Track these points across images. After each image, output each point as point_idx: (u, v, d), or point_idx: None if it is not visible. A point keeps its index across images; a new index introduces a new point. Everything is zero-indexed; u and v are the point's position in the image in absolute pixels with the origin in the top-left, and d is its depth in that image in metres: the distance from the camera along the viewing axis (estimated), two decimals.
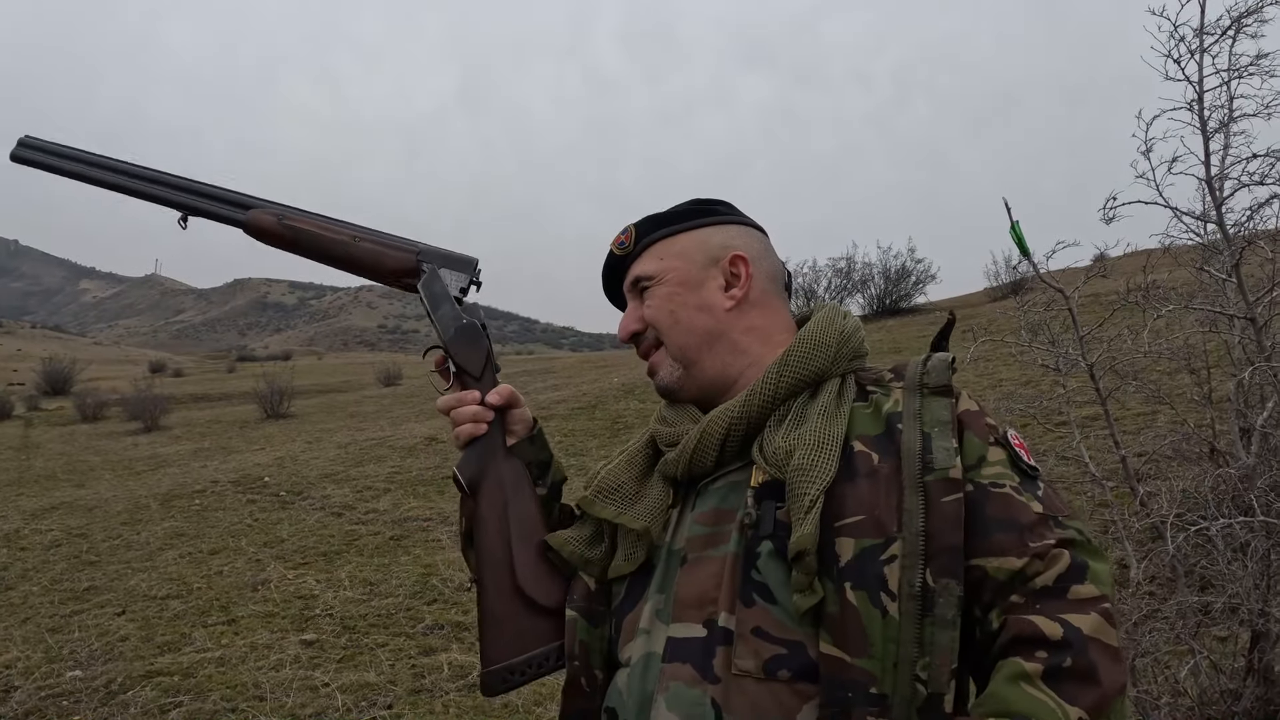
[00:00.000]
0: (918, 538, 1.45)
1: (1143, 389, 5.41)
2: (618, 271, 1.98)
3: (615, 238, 1.97)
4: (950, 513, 1.47)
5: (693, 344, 1.85)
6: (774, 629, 1.50)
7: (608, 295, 2.05)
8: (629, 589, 1.76)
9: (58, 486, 16.60)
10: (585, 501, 1.84)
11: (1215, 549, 4.12)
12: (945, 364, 1.68)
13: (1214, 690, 4.18)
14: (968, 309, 26.02)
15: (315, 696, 6.34)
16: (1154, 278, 4.67)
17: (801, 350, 1.73)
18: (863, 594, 1.43)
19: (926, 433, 1.57)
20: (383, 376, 35.97)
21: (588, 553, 1.83)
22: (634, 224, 1.95)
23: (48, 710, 6.42)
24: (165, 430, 25.14)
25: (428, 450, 16.29)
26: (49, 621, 8.48)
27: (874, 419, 1.64)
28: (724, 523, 1.65)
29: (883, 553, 1.45)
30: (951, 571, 1.44)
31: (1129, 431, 9.03)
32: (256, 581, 9.33)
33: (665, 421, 1.87)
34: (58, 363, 41.80)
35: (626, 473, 1.86)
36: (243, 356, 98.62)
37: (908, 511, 1.48)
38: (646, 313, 1.89)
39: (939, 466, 1.51)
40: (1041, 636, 1.38)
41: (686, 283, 1.87)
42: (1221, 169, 4.29)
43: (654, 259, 1.90)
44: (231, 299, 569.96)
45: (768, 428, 1.69)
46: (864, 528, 1.48)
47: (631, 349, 1.98)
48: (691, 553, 1.66)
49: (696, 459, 1.72)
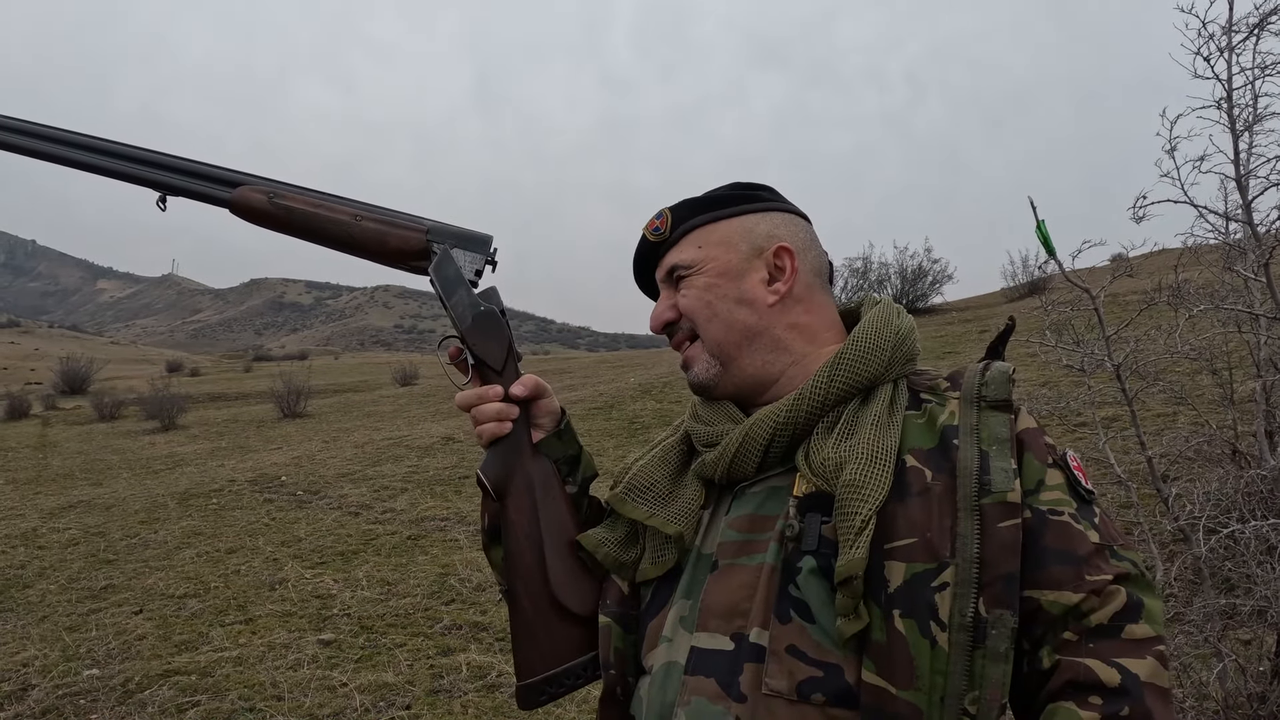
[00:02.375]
0: (971, 565, 1.36)
1: (1165, 389, 5.38)
2: (650, 259, 1.87)
3: (649, 222, 1.84)
4: (1007, 539, 1.39)
5: (732, 340, 1.74)
6: (810, 649, 1.41)
7: (639, 283, 1.94)
8: (655, 592, 1.69)
9: (75, 485, 16.63)
10: (615, 500, 1.76)
11: (1245, 551, 4.09)
12: (1006, 376, 1.58)
13: (1240, 694, 4.15)
14: (985, 309, 26.01)
15: (333, 696, 6.33)
16: (1185, 276, 4.64)
17: (855, 353, 1.64)
18: (911, 623, 1.35)
19: (984, 450, 1.47)
20: (399, 376, 36.02)
21: (622, 555, 1.74)
22: (670, 208, 1.83)
23: (65, 709, 6.42)
24: (182, 429, 25.20)
25: (445, 450, 16.28)
26: (66, 620, 8.49)
27: (927, 431, 1.55)
28: (760, 530, 1.57)
29: (934, 579, 1.37)
30: (1006, 602, 1.36)
31: (1149, 433, 8.99)
32: (274, 581, 9.33)
33: (701, 419, 1.78)
34: (75, 362, 41.90)
35: (660, 470, 1.78)
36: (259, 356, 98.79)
37: (961, 536, 1.39)
38: (682, 303, 1.78)
39: (997, 489, 1.42)
40: (1098, 682, 1.32)
41: (727, 274, 1.75)
42: (1248, 168, 4.26)
43: (692, 247, 1.79)
44: (248, 299, 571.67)
45: (815, 434, 1.60)
46: (915, 551, 1.39)
47: (654, 348, 1.86)
48: (723, 559, 1.58)
49: (737, 463, 1.64)
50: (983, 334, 18.90)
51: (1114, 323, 4.52)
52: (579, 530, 1.83)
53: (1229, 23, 4.13)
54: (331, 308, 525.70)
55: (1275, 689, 4.10)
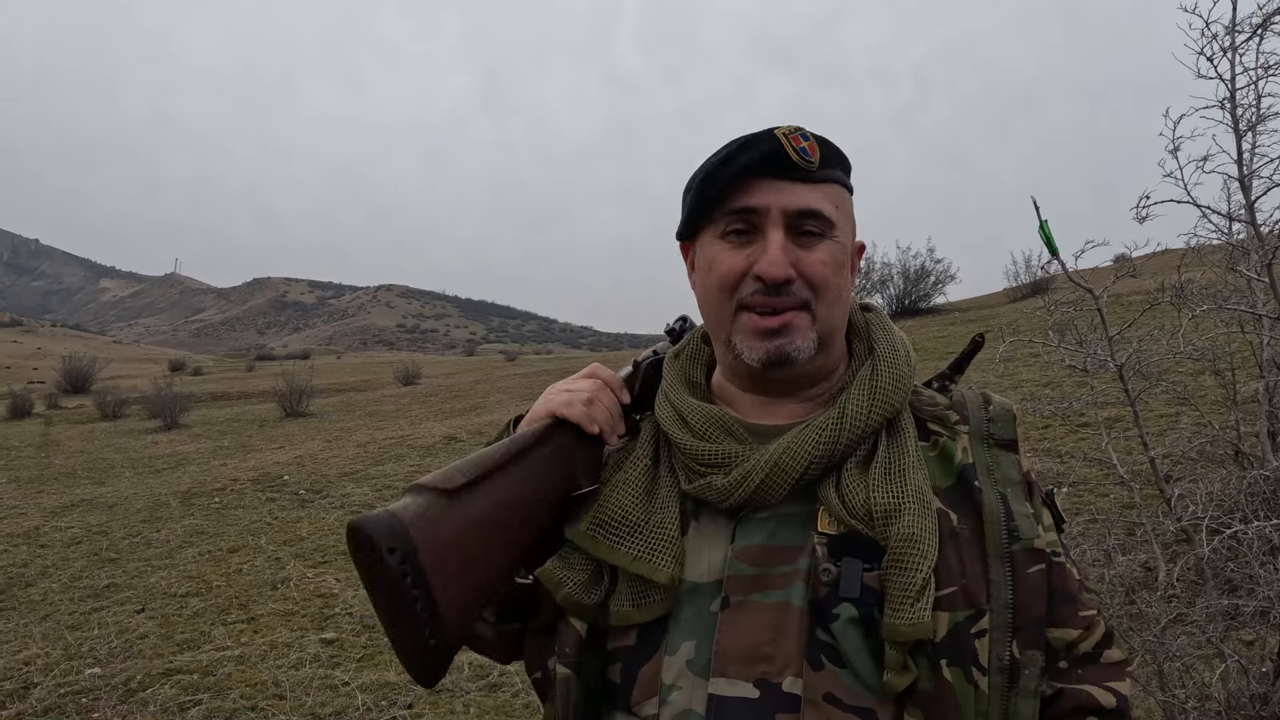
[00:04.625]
0: (1006, 610, 1.39)
1: (1168, 390, 5.38)
2: (771, 170, 1.47)
3: (789, 133, 1.47)
4: (1035, 584, 1.41)
5: (837, 326, 1.57)
6: (844, 695, 1.37)
7: (708, 184, 1.50)
8: (642, 635, 1.49)
9: (78, 484, 16.64)
10: (584, 539, 1.51)
11: (1247, 552, 4.09)
12: (1011, 415, 1.57)
13: (1242, 695, 4.15)
14: (987, 310, 26.03)
15: (335, 695, 6.34)
16: (1188, 276, 4.64)
17: (892, 375, 1.54)
18: (957, 670, 1.35)
19: (1002, 493, 1.47)
20: (402, 375, 36.03)
21: (585, 598, 1.49)
22: (814, 135, 1.50)
23: (67, 707, 6.43)
24: (185, 428, 25.20)
25: (447, 449, 16.32)
26: (68, 619, 8.51)
27: (943, 468, 1.50)
28: (773, 563, 1.44)
29: (973, 625, 1.37)
30: (1036, 643, 1.40)
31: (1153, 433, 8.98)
32: (276, 580, 9.35)
33: (696, 432, 1.55)
34: (78, 361, 41.88)
35: (630, 496, 1.53)
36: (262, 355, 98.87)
37: (994, 583, 1.40)
38: (816, 267, 1.48)
39: (1025, 536, 1.43)
40: (1098, 706, 1.43)
41: (848, 256, 1.58)
42: (1251, 168, 4.26)
43: (831, 202, 1.51)
44: (251, 298, 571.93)
45: (847, 468, 1.48)
46: (955, 600, 1.38)
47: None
48: (735, 595, 1.44)
49: (760, 495, 1.46)
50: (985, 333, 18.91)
51: (1117, 323, 4.52)
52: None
53: (1232, 22, 4.13)
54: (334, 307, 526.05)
55: (1278, 690, 4.10)
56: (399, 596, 1.27)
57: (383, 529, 1.26)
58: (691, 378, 1.69)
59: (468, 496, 1.37)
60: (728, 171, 1.47)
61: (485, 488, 1.39)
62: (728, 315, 1.53)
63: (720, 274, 1.51)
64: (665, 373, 1.70)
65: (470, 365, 56.08)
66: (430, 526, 1.30)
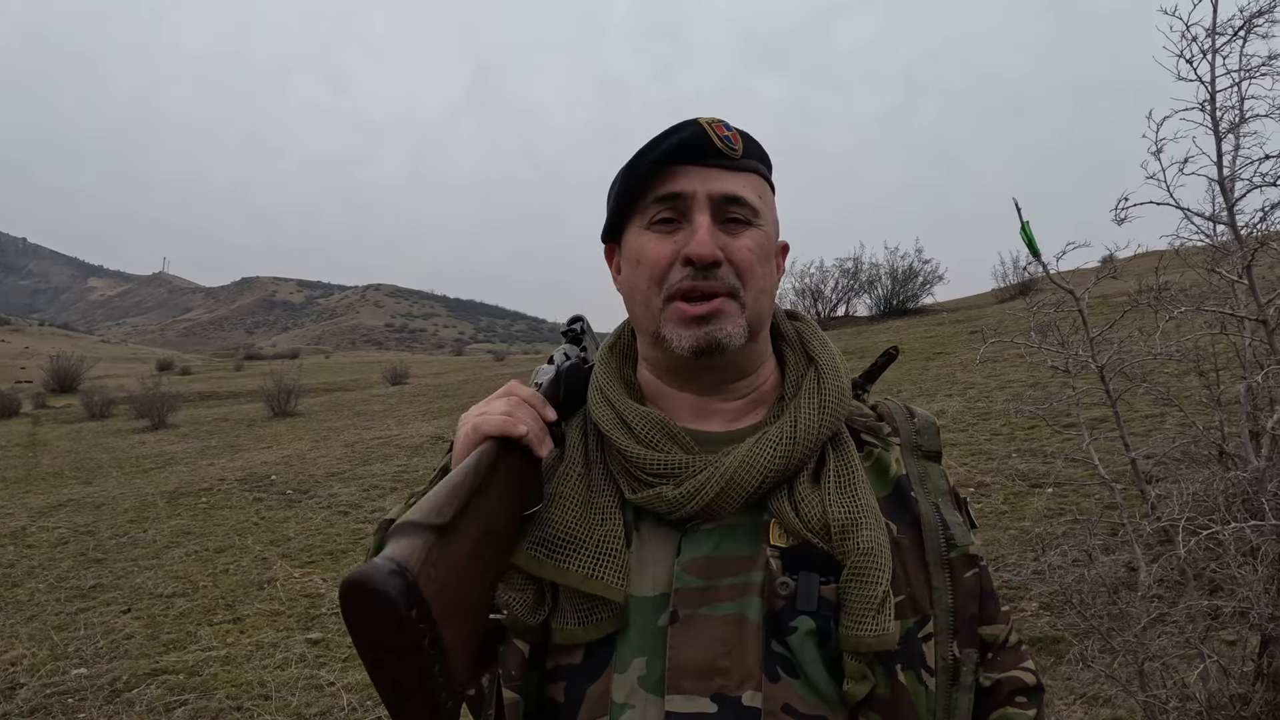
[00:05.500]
0: (948, 614, 1.46)
1: (1152, 391, 5.39)
2: (694, 154, 1.46)
3: (713, 122, 1.48)
4: (971, 587, 1.50)
5: (765, 316, 1.54)
6: (800, 704, 1.36)
7: (634, 170, 1.48)
8: (587, 652, 1.43)
9: (65, 484, 16.62)
10: (527, 560, 1.43)
11: (1226, 553, 4.10)
12: (935, 427, 1.63)
13: (1223, 695, 4.17)
14: (975, 310, 26.07)
15: (320, 695, 6.34)
16: (1165, 279, 4.66)
17: (836, 386, 1.53)
18: (910, 674, 1.39)
19: (935, 503, 1.53)
20: (390, 375, 36.05)
21: (531, 619, 1.43)
22: (736, 127, 1.51)
23: (53, 708, 6.42)
24: (172, 428, 25.18)
25: (434, 449, 16.31)
26: (55, 619, 8.49)
27: (880, 478, 1.52)
28: (722, 575, 1.41)
29: (920, 630, 1.43)
30: (972, 641, 1.48)
31: (1137, 434, 9.01)
32: (262, 580, 9.34)
33: (640, 439, 1.50)
34: (65, 360, 41.83)
35: (572, 510, 1.46)
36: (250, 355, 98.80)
37: (936, 589, 1.46)
38: (741, 253, 1.46)
39: (960, 543, 1.50)
40: (1025, 685, 1.54)
41: (772, 249, 1.55)
42: (1233, 170, 4.27)
43: (754, 191, 1.50)
44: (239, 297, 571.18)
45: (799, 481, 1.47)
46: (904, 608, 1.41)
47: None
48: (683, 608, 1.39)
49: (714, 508, 1.42)
50: (973, 334, 18.92)
51: (1100, 324, 4.54)
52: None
53: (1213, 25, 4.14)
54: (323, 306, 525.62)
55: (1258, 690, 4.12)
56: (416, 660, 1.08)
57: (398, 586, 1.05)
58: (627, 376, 1.65)
59: (460, 528, 1.21)
60: (652, 157, 1.46)
61: (470, 515, 1.24)
62: (656, 307, 1.49)
63: (649, 264, 1.48)
64: (599, 370, 1.64)
65: (458, 365, 56.05)
66: (434, 571, 1.12)
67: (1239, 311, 4.50)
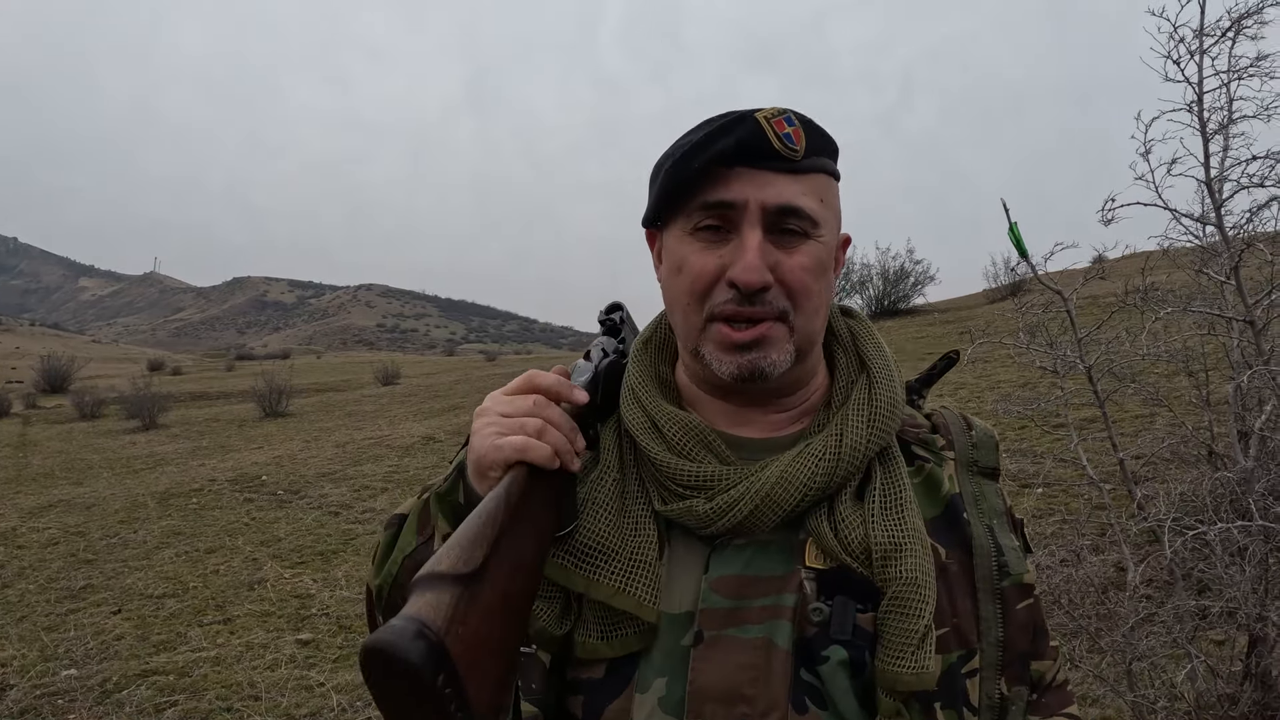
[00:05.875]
0: (996, 648, 1.33)
1: (1141, 391, 5.40)
2: (748, 156, 1.29)
3: (772, 116, 1.30)
4: (1024, 620, 1.36)
5: (816, 337, 1.40)
6: None
7: (677, 176, 1.32)
8: (609, 668, 1.33)
9: (55, 484, 16.59)
10: (559, 571, 1.32)
11: (1213, 553, 4.11)
12: (994, 442, 1.48)
13: (1211, 694, 4.17)
14: (966, 310, 26.12)
15: (310, 696, 6.34)
16: (1152, 280, 4.67)
17: (888, 397, 1.40)
18: (951, 713, 1.27)
19: (989, 525, 1.39)
20: (381, 375, 36.02)
21: (557, 630, 1.33)
22: (798, 117, 1.32)
23: (43, 709, 6.41)
24: (163, 429, 25.14)
25: (425, 449, 16.31)
26: (45, 620, 8.47)
27: (930, 496, 1.39)
28: (750, 595, 1.30)
29: (964, 665, 1.30)
30: (1023, 678, 1.36)
31: (1127, 434, 9.03)
32: (253, 581, 9.34)
33: (673, 447, 1.39)
34: (56, 360, 41.75)
35: (604, 518, 1.36)
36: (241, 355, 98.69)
37: (985, 620, 1.33)
38: (790, 272, 1.31)
39: (1014, 571, 1.36)
40: None
41: (831, 257, 1.39)
42: (1221, 171, 4.28)
43: (815, 196, 1.33)
44: (230, 297, 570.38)
45: (839, 499, 1.35)
46: (949, 641, 1.29)
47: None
48: (709, 629, 1.29)
49: (747, 525, 1.32)
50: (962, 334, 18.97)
51: (1088, 325, 4.55)
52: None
53: (1200, 27, 4.15)
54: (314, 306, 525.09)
55: (1246, 690, 4.12)
56: None
57: (424, 652, 0.97)
58: (663, 374, 1.51)
59: (490, 572, 1.10)
60: (703, 157, 1.28)
61: (501, 554, 1.13)
62: (697, 325, 1.36)
63: (690, 278, 1.34)
64: (633, 367, 1.51)
65: (450, 365, 56.02)
66: (462, 627, 1.03)
67: (1227, 312, 4.52)
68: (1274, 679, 4.13)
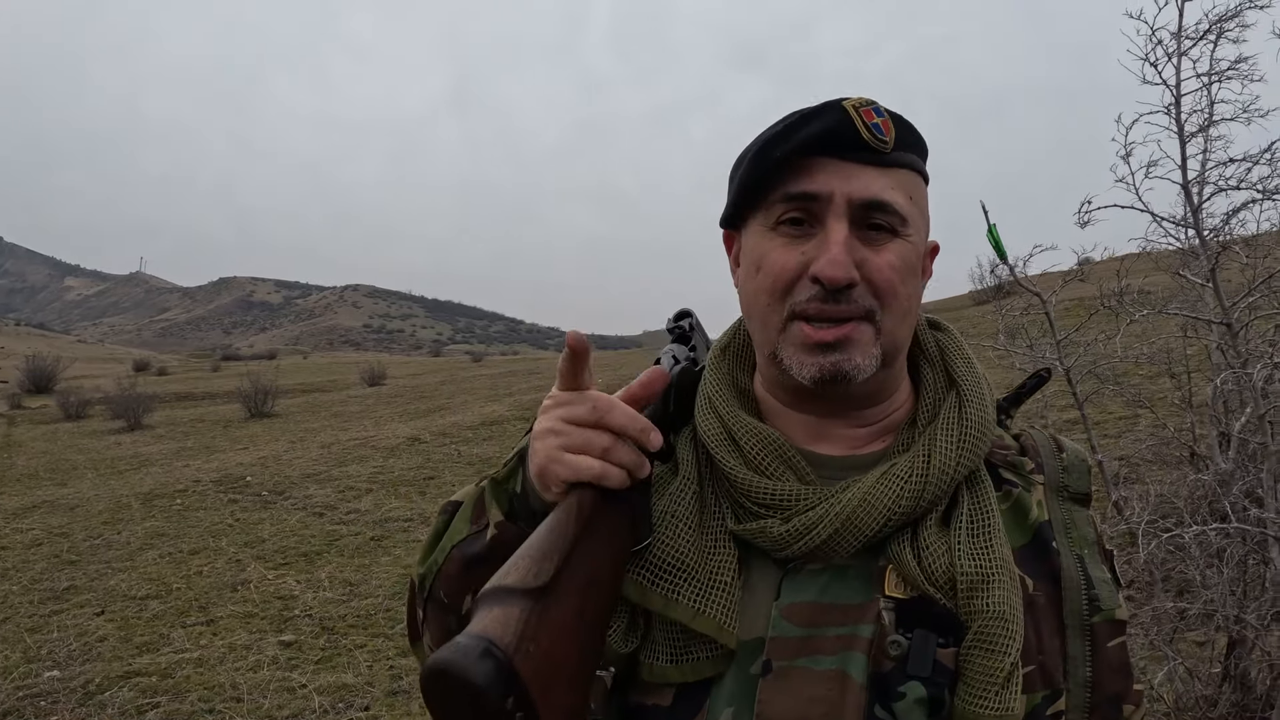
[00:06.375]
0: (1083, 689, 1.22)
1: (1122, 393, 5.42)
2: (835, 145, 1.22)
3: (860, 105, 1.23)
4: (1115, 659, 1.24)
5: (903, 342, 1.32)
6: None
7: (759, 166, 1.25)
8: (678, 694, 1.23)
9: (40, 485, 16.54)
10: (635, 589, 1.22)
11: (1190, 555, 4.12)
12: (1087, 465, 1.36)
13: (1190, 696, 4.19)
14: (952, 312, 26.13)
15: (292, 698, 6.33)
16: (1128, 282, 4.68)
17: (979, 418, 1.31)
18: None
19: (1079, 555, 1.28)
20: (367, 376, 36.01)
21: (623, 647, 1.24)
22: (889, 110, 1.25)
23: (25, 710, 6.40)
24: (148, 429, 25.07)
25: (410, 450, 16.31)
26: (28, 621, 8.45)
27: (1018, 525, 1.30)
28: (824, 624, 1.21)
29: (1049, 707, 1.20)
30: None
31: (1110, 435, 9.05)
32: (236, 582, 9.33)
33: (750, 462, 1.30)
34: (41, 361, 41.66)
35: (685, 534, 1.26)
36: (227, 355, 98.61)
37: (1072, 658, 1.22)
38: (877, 270, 1.23)
39: (1106, 606, 1.24)
40: None
41: (920, 259, 1.31)
42: (1201, 173, 4.29)
43: (904, 193, 1.25)
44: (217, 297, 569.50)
45: (924, 525, 1.26)
46: (1034, 680, 1.19)
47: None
48: (778, 659, 1.20)
49: (825, 550, 1.24)
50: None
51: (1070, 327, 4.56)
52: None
53: (1179, 29, 4.16)
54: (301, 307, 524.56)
55: (1225, 692, 4.14)
56: None
57: (491, 673, 0.90)
58: (741, 384, 1.41)
59: (563, 585, 1.02)
60: (785, 147, 1.21)
61: (574, 567, 1.05)
62: (776, 325, 1.27)
63: (771, 275, 1.26)
64: (709, 375, 1.42)
65: (436, 366, 56.03)
66: (533, 646, 0.95)
67: (1205, 315, 4.53)
68: (1253, 681, 4.14)
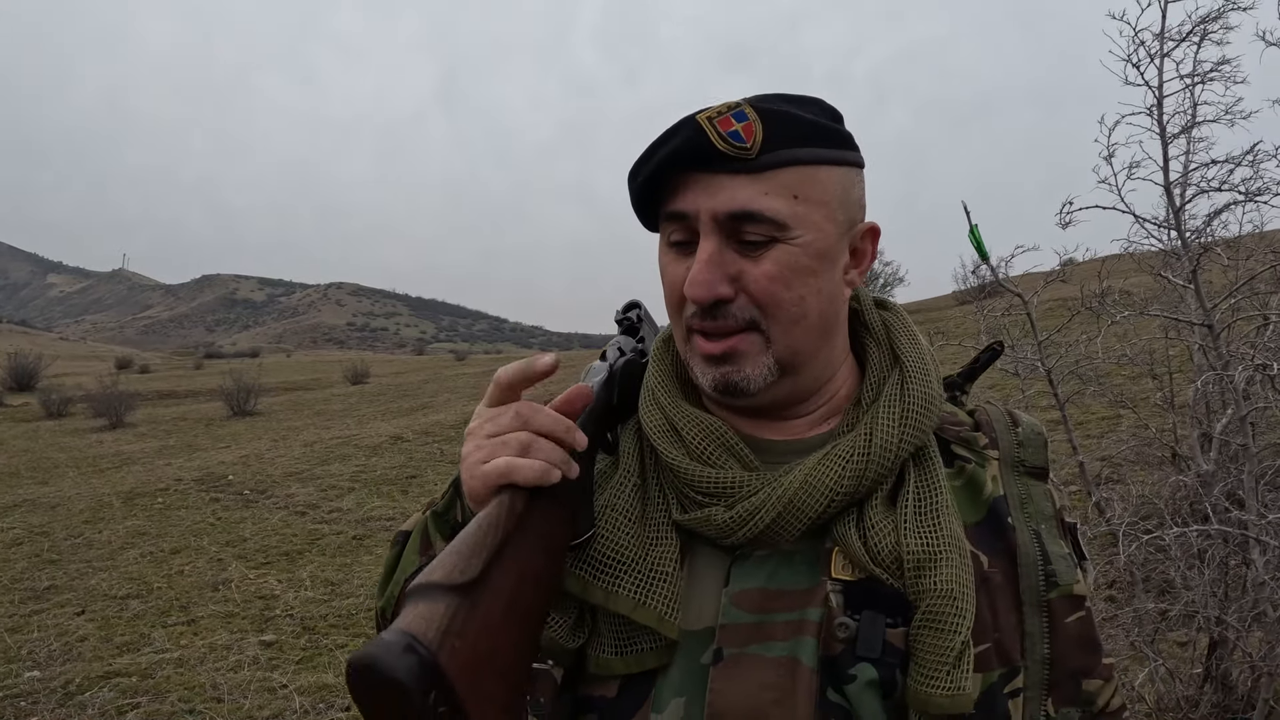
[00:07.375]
0: (1042, 666, 1.22)
1: (1104, 393, 5.42)
2: (696, 160, 1.20)
3: (719, 113, 1.19)
4: (1074, 634, 1.25)
5: (809, 347, 1.28)
6: None
7: (640, 188, 1.26)
8: (626, 686, 1.23)
9: (20, 484, 16.46)
10: (577, 583, 1.22)
11: (1171, 556, 4.13)
12: (1043, 439, 1.37)
13: (1171, 697, 4.19)
14: (935, 312, 26.21)
15: (273, 698, 6.31)
16: (1109, 283, 4.69)
17: (923, 394, 1.29)
18: None
19: (1035, 530, 1.28)
20: (350, 374, 36.00)
21: (570, 642, 1.24)
22: (755, 107, 1.20)
23: (5, 711, 6.36)
24: (130, 427, 25.00)
25: (393, 449, 16.29)
26: (8, 621, 8.41)
27: (971, 501, 1.29)
28: (773, 609, 1.21)
29: (1007, 685, 1.19)
30: (1072, 698, 1.25)
31: (1093, 435, 9.07)
32: (217, 581, 9.29)
33: (692, 451, 1.29)
34: (23, 358, 41.42)
35: (624, 527, 1.25)
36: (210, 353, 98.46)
37: (1030, 635, 1.23)
38: (758, 284, 1.21)
39: (1063, 581, 1.25)
40: None
41: (823, 255, 1.24)
42: (1184, 174, 4.30)
43: (784, 194, 1.20)
44: (200, 295, 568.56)
45: (872, 504, 1.24)
46: (988, 658, 1.18)
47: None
48: (729, 646, 1.19)
49: (769, 535, 1.22)
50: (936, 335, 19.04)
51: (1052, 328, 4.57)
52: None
53: (1162, 30, 4.17)
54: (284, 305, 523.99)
55: (1207, 693, 4.14)
56: None
57: (413, 668, 0.87)
58: (684, 374, 1.40)
59: (492, 580, 1.00)
60: (646, 170, 1.23)
61: (503, 563, 1.02)
62: (681, 337, 1.31)
63: (668, 289, 1.29)
64: (652, 366, 1.42)
65: (420, 364, 56.00)
66: (459, 641, 0.93)
67: (1186, 316, 4.54)
68: (1234, 681, 4.15)
